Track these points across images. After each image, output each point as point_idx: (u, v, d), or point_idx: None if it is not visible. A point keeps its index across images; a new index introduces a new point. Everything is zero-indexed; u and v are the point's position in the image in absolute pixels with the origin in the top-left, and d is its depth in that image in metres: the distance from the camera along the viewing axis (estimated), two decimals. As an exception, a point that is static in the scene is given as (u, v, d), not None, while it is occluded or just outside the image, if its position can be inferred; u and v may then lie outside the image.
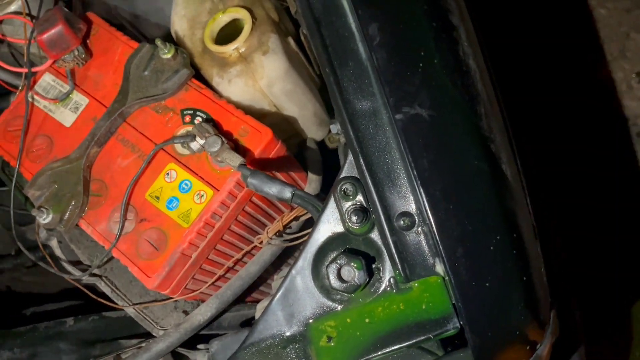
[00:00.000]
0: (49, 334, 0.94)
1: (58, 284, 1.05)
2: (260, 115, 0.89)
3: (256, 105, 0.90)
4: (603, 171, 2.32)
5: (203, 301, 0.88)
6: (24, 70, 0.95)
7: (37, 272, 1.19)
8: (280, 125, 0.95)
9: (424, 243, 0.70)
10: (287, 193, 0.74)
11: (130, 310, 0.89)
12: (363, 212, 0.72)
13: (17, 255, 1.29)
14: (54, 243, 0.98)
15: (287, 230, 0.92)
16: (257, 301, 0.94)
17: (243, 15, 0.89)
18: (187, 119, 0.86)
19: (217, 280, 0.87)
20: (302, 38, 0.94)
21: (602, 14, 2.52)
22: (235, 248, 0.89)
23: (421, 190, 0.68)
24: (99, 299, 0.91)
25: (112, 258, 0.92)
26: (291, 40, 0.94)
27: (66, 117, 0.93)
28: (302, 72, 0.94)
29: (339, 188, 0.73)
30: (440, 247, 0.68)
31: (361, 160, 0.71)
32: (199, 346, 0.89)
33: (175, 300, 0.89)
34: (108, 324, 0.98)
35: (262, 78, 0.87)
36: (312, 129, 0.99)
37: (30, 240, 1.20)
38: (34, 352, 0.92)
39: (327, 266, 0.72)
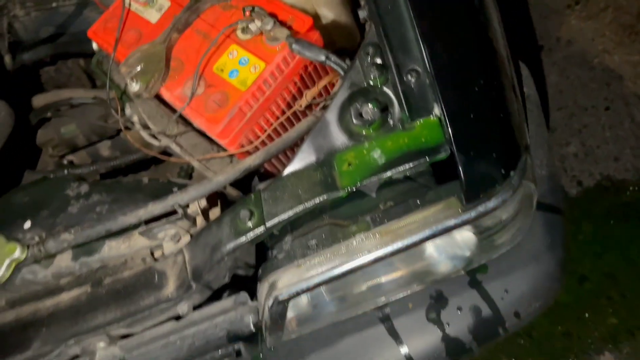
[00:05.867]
0: (129, 187, 1.18)
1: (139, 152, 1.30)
2: (304, 17, 1.13)
3: (302, 9, 1.14)
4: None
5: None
6: (122, -20, 1.21)
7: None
8: (323, 30, 1.18)
9: (425, 91, 0.92)
10: (322, 55, 0.98)
11: (195, 164, 1.13)
12: (380, 67, 0.94)
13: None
14: (135, 119, 1.23)
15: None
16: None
17: None
18: (247, 13, 1.10)
19: (264, 137, 1.10)
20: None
21: None
22: (281, 114, 1.12)
23: (425, 49, 0.90)
24: (170, 158, 1.15)
25: (180, 128, 1.16)
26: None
27: (152, 16, 1.19)
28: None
29: (362, 50, 0.96)
30: (438, 93, 0.90)
31: (380, 28, 0.94)
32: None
33: (231, 156, 1.13)
34: (175, 185, 1.22)
35: (308, -16, 1.11)
36: (344, 39, 1.22)
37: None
38: (118, 197, 1.16)
39: (350, 109, 0.95)
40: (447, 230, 0.92)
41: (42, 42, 1.64)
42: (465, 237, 1.02)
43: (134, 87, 1.10)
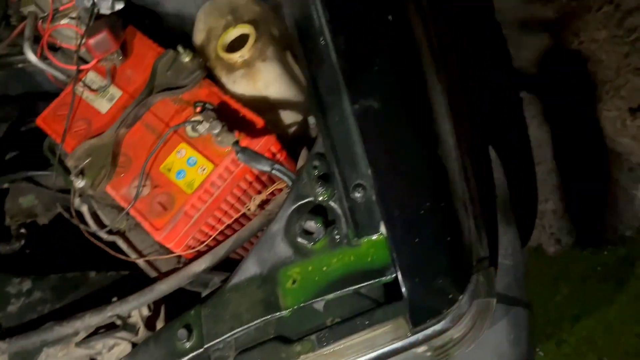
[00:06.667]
0: (74, 282, 1.14)
1: (86, 245, 1.25)
2: (258, 111, 1.10)
3: (255, 103, 1.11)
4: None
5: (201, 259, 1.07)
6: (74, 67, 1.18)
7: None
8: (275, 122, 1.15)
9: (372, 208, 0.88)
10: (268, 166, 0.94)
11: (140, 262, 1.09)
12: (326, 181, 0.91)
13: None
14: (84, 209, 1.18)
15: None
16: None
17: (249, 30, 1.10)
18: (198, 109, 1.07)
19: (212, 239, 1.06)
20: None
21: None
22: (229, 217, 1.08)
23: (370, 166, 0.87)
24: (117, 254, 1.11)
25: (130, 220, 1.12)
26: (288, 53, 1.15)
27: (103, 105, 1.16)
28: (296, 78, 1.14)
29: (309, 161, 0.92)
30: (383, 211, 0.86)
31: (328, 142, 0.91)
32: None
33: (178, 257, 1.09)
34: (124, 279, 1.17)
35: (260, 80, 1.08)
36: (297, 129, 1.19)
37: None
38: (62, 295, 1.12)
39: (296, 223, 0.91)
40: (394, 353, 0.89)
41: (10, 101, 1.61)
42: (418, 352, 0.98)
43: (79, 183, 1.07)
